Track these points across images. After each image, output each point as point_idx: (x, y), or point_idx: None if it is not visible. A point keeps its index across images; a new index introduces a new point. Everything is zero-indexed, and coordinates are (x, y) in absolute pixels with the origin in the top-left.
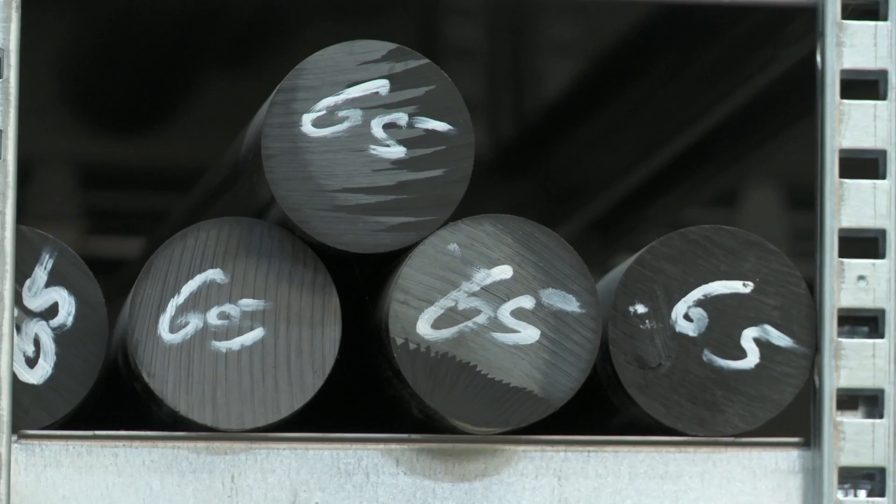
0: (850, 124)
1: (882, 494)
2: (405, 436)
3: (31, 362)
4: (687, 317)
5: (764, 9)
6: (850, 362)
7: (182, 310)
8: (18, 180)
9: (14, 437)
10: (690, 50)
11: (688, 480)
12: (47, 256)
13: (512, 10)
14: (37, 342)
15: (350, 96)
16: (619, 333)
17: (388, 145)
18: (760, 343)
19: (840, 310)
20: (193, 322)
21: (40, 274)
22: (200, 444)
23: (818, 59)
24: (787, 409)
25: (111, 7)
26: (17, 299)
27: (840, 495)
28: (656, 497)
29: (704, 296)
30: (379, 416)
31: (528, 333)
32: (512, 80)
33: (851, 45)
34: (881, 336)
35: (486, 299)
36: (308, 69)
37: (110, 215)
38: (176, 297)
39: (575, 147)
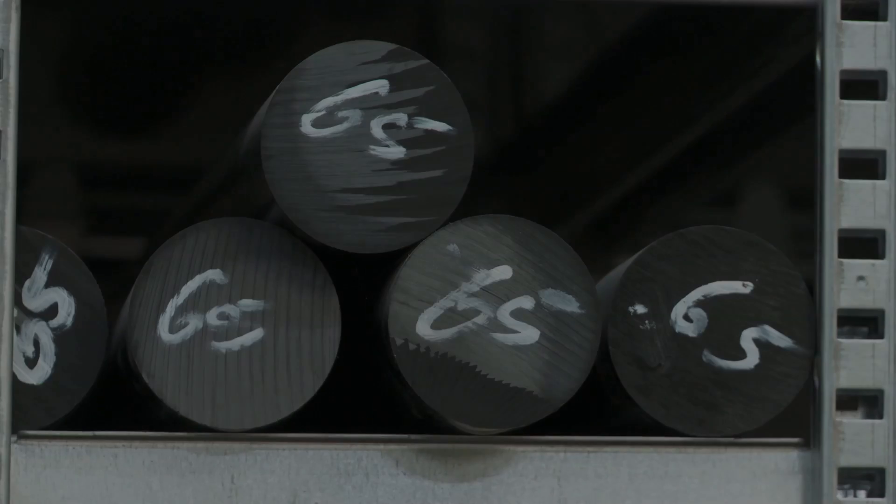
0: (849, 124)
1: (882, 495)
2: (405, 436)
3: (31, 363)
4: (687, 317)
5: (764, 9)
6: (850, 363)
7: (182, 310)
8: (18, 180)
9: (14, 438)
10: (690, 50)
11: (687, 481)
12: (47, 257)
13: (512, 10)
14: (36, 342)
15: (350, 97)
16: (619, 334)
17: (387, 146)
18: (760, 343)
19: (840, 310)
20: (193, 322)
21: (40, 274)
22: (200, 445)
23: (818, 59)
24: (786, 410)
25: (111, 7)
26: (17, 300)
27: (840, 496)
28: (656, 497)
29: (704, 296)
30: (379, 417)
31: (528, 334)
32: (512, 80)
33: (851, 45)
34: (881, 336)
35: (485, 300)
36: (308, 69)
37: (110, 215)
38: (175, 297)
39: (575, 147)
